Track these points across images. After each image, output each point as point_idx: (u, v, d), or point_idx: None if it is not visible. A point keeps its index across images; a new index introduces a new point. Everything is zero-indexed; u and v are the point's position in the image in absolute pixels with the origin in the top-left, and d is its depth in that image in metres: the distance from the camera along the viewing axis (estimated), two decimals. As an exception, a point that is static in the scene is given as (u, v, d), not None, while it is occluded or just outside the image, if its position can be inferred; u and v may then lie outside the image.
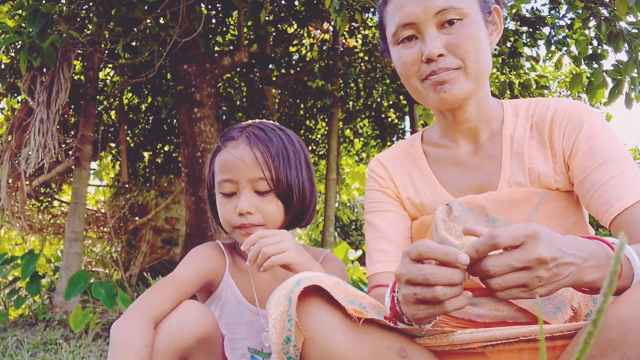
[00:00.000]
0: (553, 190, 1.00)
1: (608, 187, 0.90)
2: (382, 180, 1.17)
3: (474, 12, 0.98)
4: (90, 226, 5.51)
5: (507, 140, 1.05)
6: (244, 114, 4.68)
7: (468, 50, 0.95)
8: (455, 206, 1.01)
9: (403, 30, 0.99)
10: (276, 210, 1.18)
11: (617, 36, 3.12)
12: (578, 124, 0.98)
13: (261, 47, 4.79)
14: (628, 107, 3.33)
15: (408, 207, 1.14)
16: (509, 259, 0.66)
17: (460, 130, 1.09)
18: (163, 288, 1.08)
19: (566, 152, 0.99)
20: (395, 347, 0.79)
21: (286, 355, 0.78)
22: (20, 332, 3.11)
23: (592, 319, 0.26)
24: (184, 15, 3.56)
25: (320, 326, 0.77)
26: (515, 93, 4.78)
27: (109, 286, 3.23)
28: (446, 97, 0.97)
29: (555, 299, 0.92)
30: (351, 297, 0.80)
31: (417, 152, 1.17)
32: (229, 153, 1.17)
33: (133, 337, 0.94)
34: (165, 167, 5.45)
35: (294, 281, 0.79)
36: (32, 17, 2.60)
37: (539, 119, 1.04)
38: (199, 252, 1.23)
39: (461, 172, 1.09)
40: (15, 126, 3.74)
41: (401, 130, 6.23)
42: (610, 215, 0.89)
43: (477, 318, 0.95)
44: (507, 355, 0.80)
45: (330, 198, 4.83)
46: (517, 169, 1.02)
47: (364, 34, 5.26)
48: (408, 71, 1.01)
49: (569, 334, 0.77)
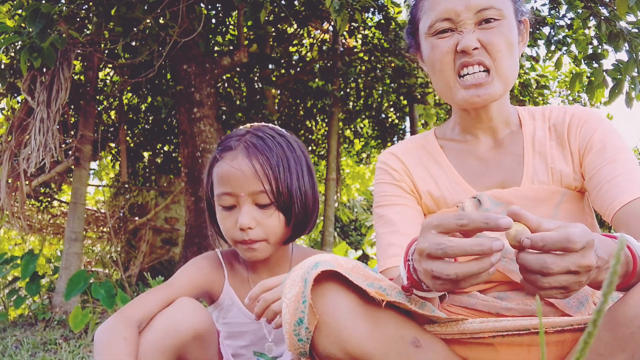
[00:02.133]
0: (572, 190, 1.03)
1: (613, 184, 0.94)
2: (396, 173, 1.15)
3: (510, 16, 1.02)
4: (90, 226, 5.51)
5: (528, 139, 1.08)
6: (243, 114, 4.68)
7: (500, 50, 0.99)
8: (485, 199, 1.01)
9: (441, 23, 1.01)
10: (277, 224, 1.14)
11: (617, 36, 3.12)
12: (593, 126, 1.04)
13: (261, 47, 4.79)
14: (628, 106, 3.33)
15: (426, 200, 1.12)
16: (568, 262, 0.64)
17: (481, 127, 1.11)
18: (153, 295, 1.08)
19: (581, 149, 1.03)
20: (409, 336, 0.79)
21: (297, 337, 0.77)
22: (19, 332, 3.11)
23: (592, 319, 0.26)
24: (184, 15, 3.56)
25: (335, 310, 0.76)
26: (515, 93, 4.78)
27: (109, 286, 3.23)
28: (478, 101, 1.01)
29: (579, 293, 0.92)
30: (370, 280, 0.78)
31: (432, 145, 1.17)
32: (228, 165, 1.12)
33: (112, 342, 0.95)
34: (165, 167, 5.45)
35: (311, 263, 0.78)
36: (32, 17, 2.60)
37: (557, 121, 1.08)
38: (195, 263, 1.22)
39: (482, 166, 1.10)
40: (15, 126, 3.74)
41: (401, 131, 6.22)
42: (613, 209, 0.92)
43: (505, 312, 0.94)
44: (517, 348, 0.80)
45: (330, 198, 4.83)
46: (540, 167, 1.05)
47: (364, 34, 5.26)
48: (443, 60, 1.02)
49: (579, 327, 0.77)
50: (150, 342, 0.99)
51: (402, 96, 5.75)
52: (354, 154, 6.97)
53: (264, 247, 1.14)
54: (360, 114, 6.14)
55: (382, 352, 0.76)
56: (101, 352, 0.94)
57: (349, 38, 5.43)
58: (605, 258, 0.69)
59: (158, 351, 0.98)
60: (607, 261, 0.69)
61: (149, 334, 1.00)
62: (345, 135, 6.61)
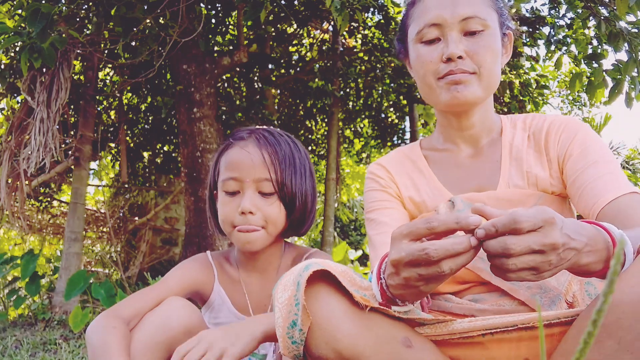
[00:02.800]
0: (549, 194, 1.06)
1: (596, 184, 0.97)
2: (383, 180, 1.21)
3: (495, 27, 1.06)
4: (89, 226, 5.51)
5: (506, 146, 1.12)
6: (243, 114, 4.68)
7: (485, 59, 1.03)
8: (458, 201, 1.05)
9: (428, 30, 1.06)
10: (278, 213, 1.18)
11: (617, 36, 3.12)
12: (572, 132, 1.07)
13: (261, 47, 4.79)
14: (628, 106, 3.34)
15: (409, 205, 1.18)
16: (529, 241, 0.66)
17: (462, 137, 1.15)
18: (143, 294, 1.11)
19: (560, 156, 1.06)
20: (400, 336, 0.80)
21: (291, 339, 0.78)
22: (19, 332, 3.11)
23: (592, 320, 0.26)
24: (184, 15, 3.56)
25: (328, 312, 0.78)
26: (515, 93, 4.78)
27: (109, 286, 3.23)
28: (458, 96, 1.04)
29: (550, 292, 0.94)
30: (356, 287, 0.80)
31: (416, 155, 1.23)
32: (238, 151, 1.18)
33: (102, 331, 0.98)
34: (165, 167, 5.45)
35: (302, 266, 0.80)
36: (32, 18, 2.60)
37: (536, 129, 1.12)
38: (185, 264, 1.25)
39: (462, 173, 1.14)
40: (14, 126, 3.74)
41: (401, 130, 6.23)
42: (597, 207, 0.94)
43: (479, 313, 0.97)
44: (506, 345, 0.81)
45: (329, 198, 4.83)
46: (515, 172, 1.09)
47: (364, 34, 5.26)
48: (426, 68, 1.07)
49: (566, 320, 0.78)
50: (142, 339, 1.00)
51: (402, 96, 5.75)
52: (354, 153, 6.98)
53: (261, 236, 1.17)
54: (360, 114, 6.15)
55: (374, 352, 0.77)
56: (92, 342, 0.97)
57: (348, 38, 5.43)
58: (584, 240, 0.70)
59: (150, 347, 0.99)
60: (586, 244, 0.70)
61: (140, 331, 1.02)
62: (345, 135, 6.61)
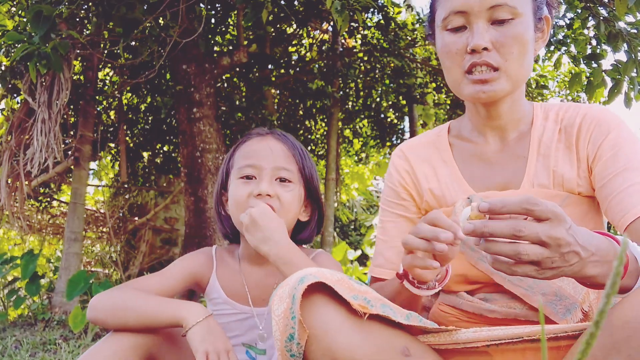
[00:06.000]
0: (575, 195, 1.01)
1: (626, 195, 0.90)
2: (398, 174, 1.18)
3: (526, 14, 0.98)
4: (89, 226, 5.51)
5: (535, 141, 1.06)
6: (243, 114, 4.68)
7: (512, 52, 0.97)
8: (476, 199, 1.02)
9: (454, 17, 1.00)
10: (294, 200, 1.17)
11: (616, 36, 3.12)
12: (605, 130, 0.99)
13: (260, 47, 4.79)
14: (627, 106, 3.34)
15: (428, 197, 1.14)
16: (537, 229, 0.66)
17: (490, 126, 1.10)
18: (147, 279, 1.17)
19: (590, 156, 1.00)
20: (399, 345, 0.79)
21: (289, 352, 0.77)
22: (19, 332, 3.11)
23: (594, 321, 0.27)
24: (184, 16, 3.56)
25: (324, 324, 0.76)
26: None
27: (109, 286, 3.23)
28: (483, 97, 0.99)
29: (566, 300, 0.92)
30: (355, 293, 0.79)
31: (442, 143, 1.17)
32: (258, 141, 1.20)
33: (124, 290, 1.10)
34: (165, 167, 5.45)
35: (297, 278, 0.78)
36: (35, 20, 2.58)
37: (568, 123, 1.05)
38: (188, 256, 1.28)
39: (486, 168, 1.10)
40: (14, 126, 3.74)
41: (400, 130, 6.22)
42: (625, 221, 0.89)
43: (488, 313, 0.96)
44: (511, 354, 0.80)
45: (329, 198, 4.83)
46: (541, 170, 1.03)
47: (364, 34, 5.26)
48: (452, 59, 1.02)
49: (574, 334, 0.77)
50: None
51: (402, 96, 5.75)
52: (354, 153, 6.97)
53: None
54: (360, 114, 6.14)
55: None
56: (108, 301, 1.07)
57: (348, 38, 5.43)
58: (592, 250, 0.69)
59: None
60: (593, 253, 0.69)
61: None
62: (345, 135, 6.60)
